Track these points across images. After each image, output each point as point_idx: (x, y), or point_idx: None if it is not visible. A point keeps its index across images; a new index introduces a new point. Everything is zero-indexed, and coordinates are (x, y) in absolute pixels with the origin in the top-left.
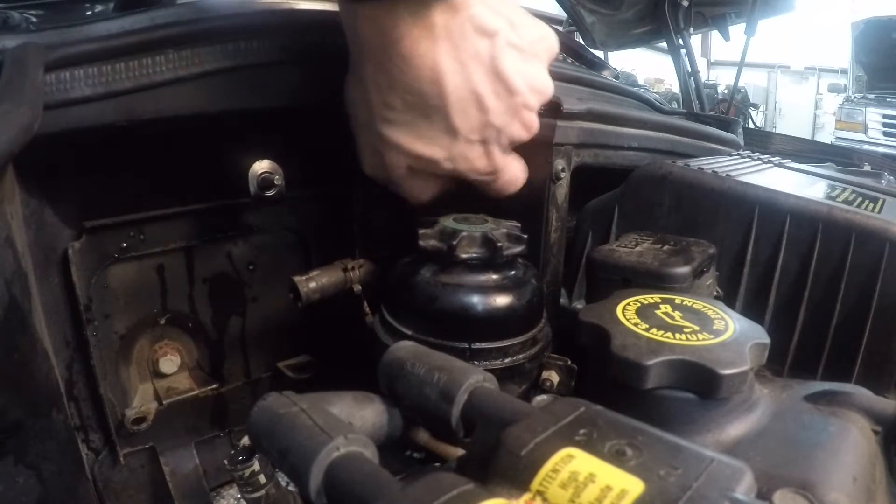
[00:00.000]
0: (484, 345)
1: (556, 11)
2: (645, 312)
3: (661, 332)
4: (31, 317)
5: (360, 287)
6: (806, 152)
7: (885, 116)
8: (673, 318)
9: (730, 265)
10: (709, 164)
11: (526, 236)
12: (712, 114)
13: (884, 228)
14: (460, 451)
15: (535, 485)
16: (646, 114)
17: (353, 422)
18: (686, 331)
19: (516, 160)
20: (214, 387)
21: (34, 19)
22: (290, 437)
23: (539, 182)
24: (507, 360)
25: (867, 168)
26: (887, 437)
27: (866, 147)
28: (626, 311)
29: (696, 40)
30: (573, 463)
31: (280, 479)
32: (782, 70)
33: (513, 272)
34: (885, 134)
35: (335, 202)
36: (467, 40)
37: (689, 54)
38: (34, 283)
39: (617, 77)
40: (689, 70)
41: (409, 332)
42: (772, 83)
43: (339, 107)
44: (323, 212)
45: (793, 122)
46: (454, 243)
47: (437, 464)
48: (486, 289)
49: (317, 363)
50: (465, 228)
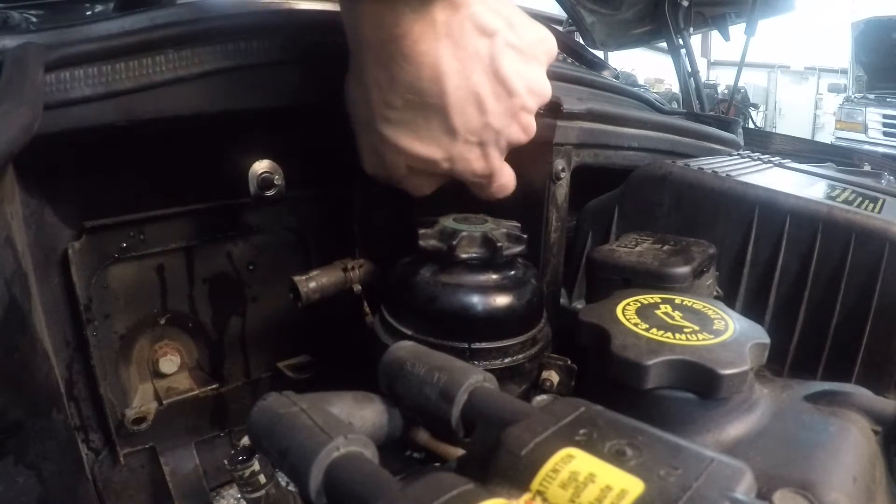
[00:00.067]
0: (484, 345)
1: (556, 11)
2: (645, 312)
3: (661, 332)
4: (31, 317)
5: (360, 287)
6: (806, 152)
7: (885, 116)
8: (673, 318)
9: (730, 265)
10: (709, 164)
11: (526, 236)
12: (712, 114)
13: (884, 228)
14: (460, 451)
15: (535, 485)
16: (646, 114)
17: (353, 422)
18: (686, 331)
19: (508, 166)
20: (214, 387)
21: (34, 19)
22: (290, 437)
23: (539, 182)
24: (507, 360)
25: (867, 168)
26: (887, 437)
27: (866, 147)
28: (626, 311)
29: (696, 40)
30: (573, 463)
31: (280, 479)
32: (782, 70)
33: (513, 272)
34: (885, 134)
35: (335, 202)
36: (467, 39)
37: (689, 54)
38: (34, 283)
39: (617, 77)
40: (689, 70)
41: (409, 332)
42: (772, 83)
43: (339, 107)
44: (323, 212)
45: (793, 122)
46: (454, 243)
47: (437, 464)
48: (485, 289)
49: (317, 363)
50: (465, 228)
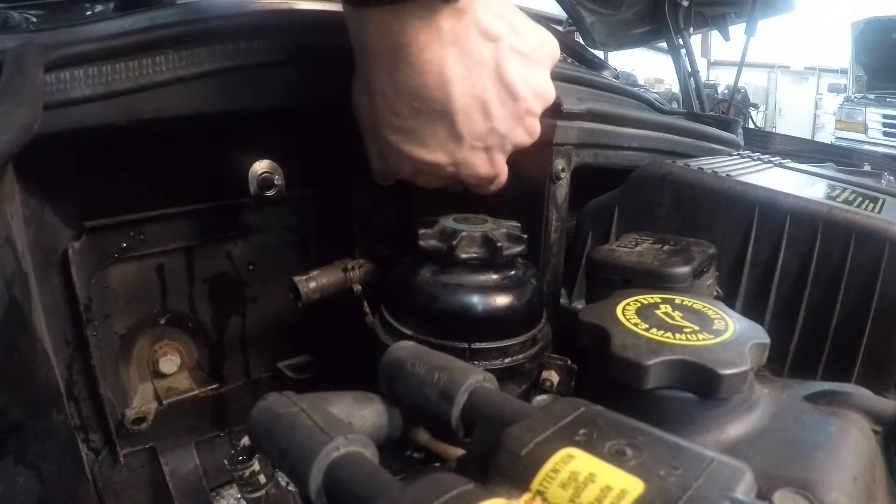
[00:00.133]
0: (484, 345)
1: (556, 11)
2: (645, 312)
3: (661, 332)
4: (31, 317)
5: (360, 287)
6: (806, 152)
7: (885, 116)
8: (673, 318)
9: (730, 265)
10: (709, 164)
11: (526, 236)
12: (712, 114)
13: (884, 228)
14: (460, 451)
15: (535, 485)
16: (646, 114)
17: (353, 422)
18: (686, 331)
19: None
20: (214, 387)
21: (34, 19)
22: (290, 437)
23: (539, 182)
24: (507, 360)
25: (867, 168)
26: (887, 437)
27: (866, 147)
28: (626, 311)
29: (696, 40)
30: (573, 463)
31: (280, 479)
32: (782, 70)
33: (513, 272)
34: (885, 134)
35: (335, 202)
36: (473, 45)
37: (689, 54)
38: (34, 283)
39: (617, 77)
40: (689, 70)
41: (409, 332)
42: (772, 83)
43: (338, 107)
44: (323, 212)
45: (793, 122)
46: (454, 243)
47: (437, 464)
48: (486, 289)
49: (317, 363)
50: (465, 228)
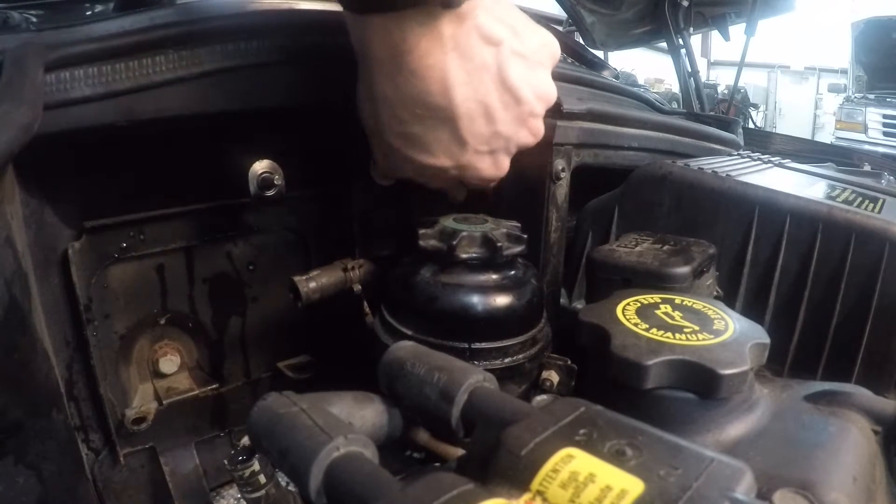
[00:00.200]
0: (484, 345)
1: (556, 11)
2: (645, 312)
3: (661, 332)
4: (31, 317)
5: (360, 287)
6: (806, 152)
7: (885, 116)
8: (673, 318)
9: (730, 265)
10: (709, 164)
11: (526, 236)
12: (712, 114)
13: (884, 228)
14: (460, 451)
15: (535, 485)
16: (646, 114)
17: (353, 422)
18: (686, 331)
19: None
20: (214, 387)
21: (34, 19)
22: (290, 437)
23: (539, 182)
24: (507, 360)
25: (867, 168)
26: (887, 437)
27: (866, 147)
28: (626, 311)
29: (696, 40)
30: (573, 463)
31: (280, 479)
32: (782, 70)
33: (513, 272)
34: (885, 134)
35: (335, 202)
36: (474, 50)
37: (689, 54)
38: (34, 283)
39: (617, 77)
40: (689, 70)
41: (409, 332)
42: (772, 83)
43: (338, 107)
44: (323, 212)
45: (793, 122)
46: (454, 243)
47: (437, 464)
48: (486, 289)
49: (317, 363)
50: (465, 228)
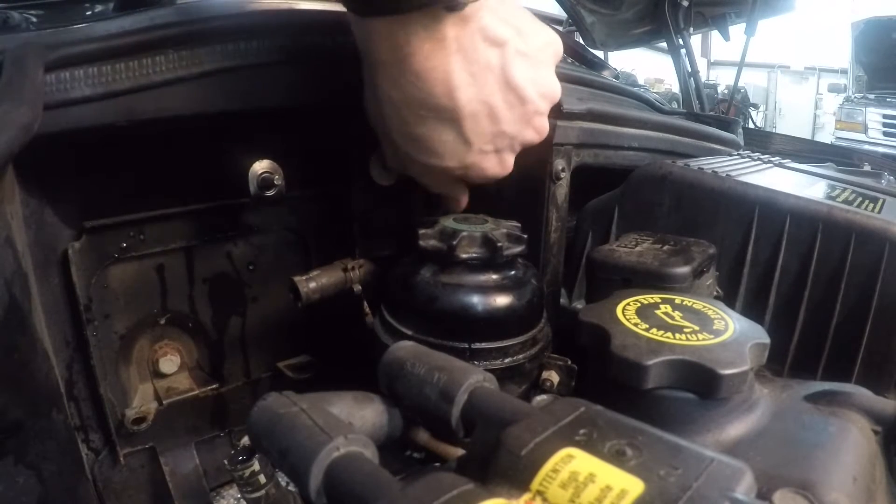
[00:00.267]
0: (484, 345)
1: (557, 11)
2: (645, 312)
3: (661, 332)
4: (31, 317)
5: (360, 287)
6: (806, 152)
7: (885, 116)
8: (673, 318)
9: (730, 265)
10: (709, 164)
11: (526, 236)
12: (712, 114)
13: (884, 228)
14: (460, 451)
15: (535, 485)
16: (646, 114)
17: (353, 422)
18: (686, 331)
19: None
20: (214, 387)
21: (34, 19)
22: (290, 437)
23: (539, 182)
24: (507, 360)
25: (867, 168)
26: (887, 437)
27: (866, 147)
28: (626, 311)
29: (696, 40)
30: (573, 463)
31: (280, 479)
32: (782, 70)
33: (513, 272)
34: (885, 134)
35: (335, 202)
36: (478, 52)
37: (689, 54)
38: (34, 283)
39: (617, 77)
40: (689, 70)
41: (409, 332)
42: (772, 83)
43: (339, 107)
44: (323, 212)
45: (793, 122)
46: (454, 243)
47: (437, 464)
48: (486, 289)
49: (317, 363)
50: (465, 228)
